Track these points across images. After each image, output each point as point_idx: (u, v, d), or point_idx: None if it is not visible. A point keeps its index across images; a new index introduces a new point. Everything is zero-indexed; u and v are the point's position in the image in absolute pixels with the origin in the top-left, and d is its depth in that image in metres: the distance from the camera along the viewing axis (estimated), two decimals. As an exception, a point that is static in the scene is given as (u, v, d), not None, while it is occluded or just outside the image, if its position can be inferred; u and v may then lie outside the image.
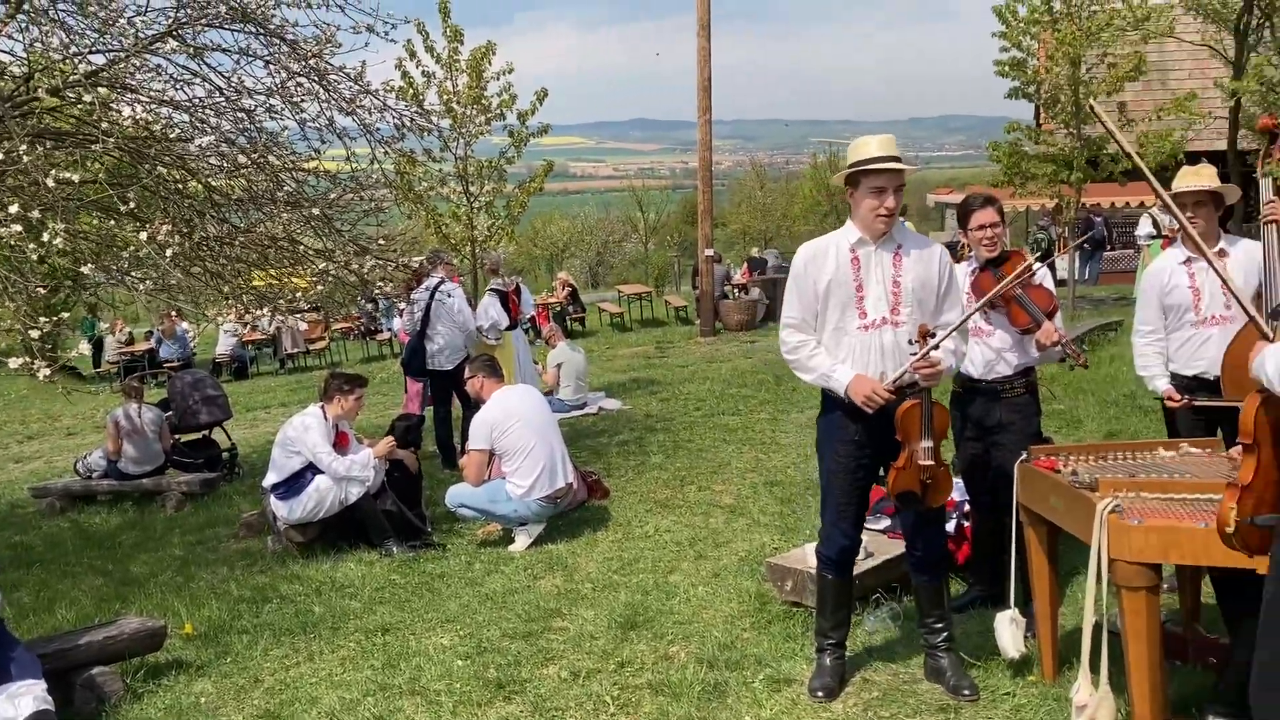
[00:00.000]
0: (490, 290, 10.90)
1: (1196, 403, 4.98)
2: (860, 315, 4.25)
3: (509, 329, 10.82)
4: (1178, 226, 5.22)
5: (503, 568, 6.51)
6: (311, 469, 7.02)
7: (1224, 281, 4.24)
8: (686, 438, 9.84)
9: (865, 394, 4.15)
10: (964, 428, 5.22)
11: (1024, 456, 4.31)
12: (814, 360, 4.29)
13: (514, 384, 9.86)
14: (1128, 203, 21.04)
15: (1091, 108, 4.58)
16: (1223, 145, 16.73)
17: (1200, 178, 4.92)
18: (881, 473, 4.40)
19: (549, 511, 7.02)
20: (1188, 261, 5.02)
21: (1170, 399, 5.01)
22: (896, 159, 4.19)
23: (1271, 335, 3.94)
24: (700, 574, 6.05)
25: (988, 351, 5.07)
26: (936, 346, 4.17)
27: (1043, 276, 5.12)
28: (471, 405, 8.15)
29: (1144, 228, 17.26)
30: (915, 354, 4.15)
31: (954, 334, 4.30)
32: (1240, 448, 2.83)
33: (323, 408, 7.18)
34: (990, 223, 5.04)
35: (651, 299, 24.82)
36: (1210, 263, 4.14)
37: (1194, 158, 13.35)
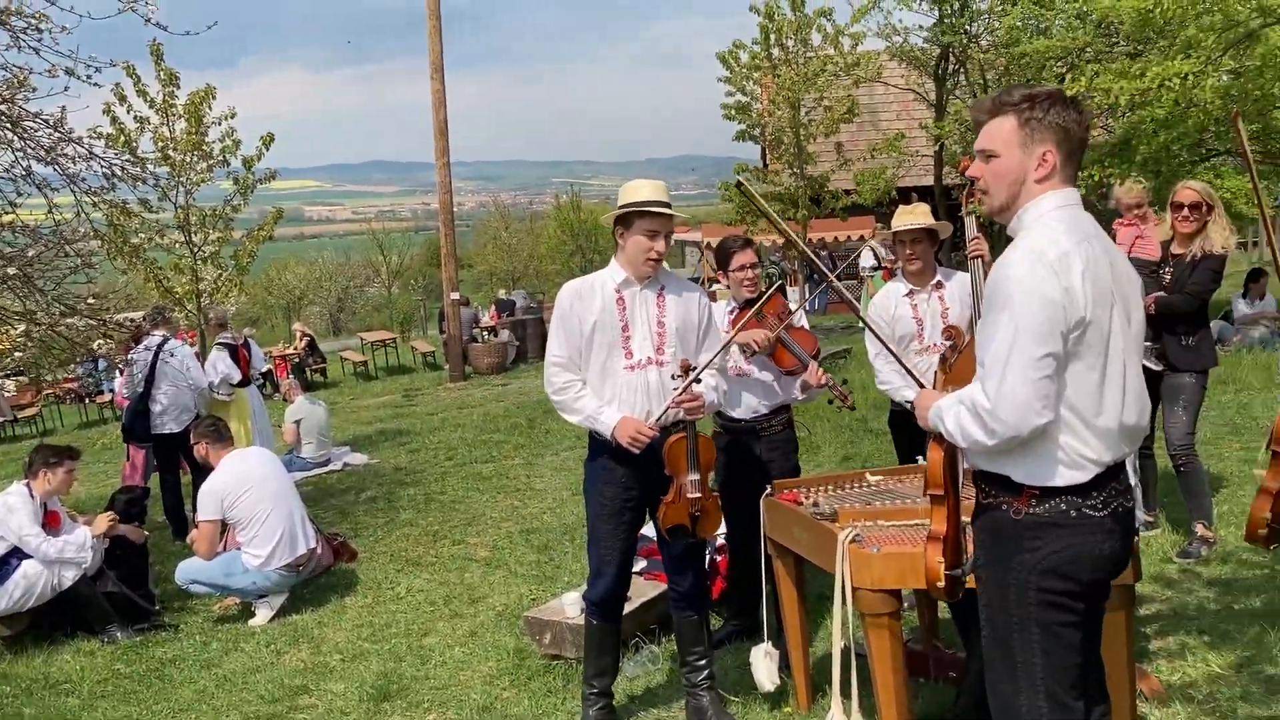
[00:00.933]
0: (218, 344, 10.28)
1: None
2: (626, 355, 4.27)
3: (241, 385, 10.22)
4: (896, 259, 5.52)
5: (243, 645, 6.06)
6: (18, 554, 6.32)
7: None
8: (438, 489, 9.58)
9: (630, 435, 4.15)
10: (724, 465, 5.30)
11: (768, 491, 4.40)
12: (580, 401, 4.28)
13: (249, 444, 9.27)
14: (849, 236, 22.39)
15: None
16: (930, 181, 18.07)
17: (915, 216, 5.23)
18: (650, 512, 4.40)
19: (291, 580, 6.61)
20: (910, 293, 5.30)
21: None
22: (669, 205, 4.26)
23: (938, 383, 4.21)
24: (456, 634, 5.85)
25: (748, 393, 5.16)
26: (698, 379, 4.23)
27: (802, 317, 5.26)
28: (201, 470, 7.60)
29: (866, 260, 18.41)
30: (678, 389, 4.18)
31: (715, 371, 4.38)
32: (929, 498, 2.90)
33: (28, 484, 6.50)
34: (750, 264, 5.13)
35: (397, 345, 24.25)
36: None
37: (905, 194, 14.36)
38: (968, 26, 12.69)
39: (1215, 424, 8.56)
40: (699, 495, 4.21)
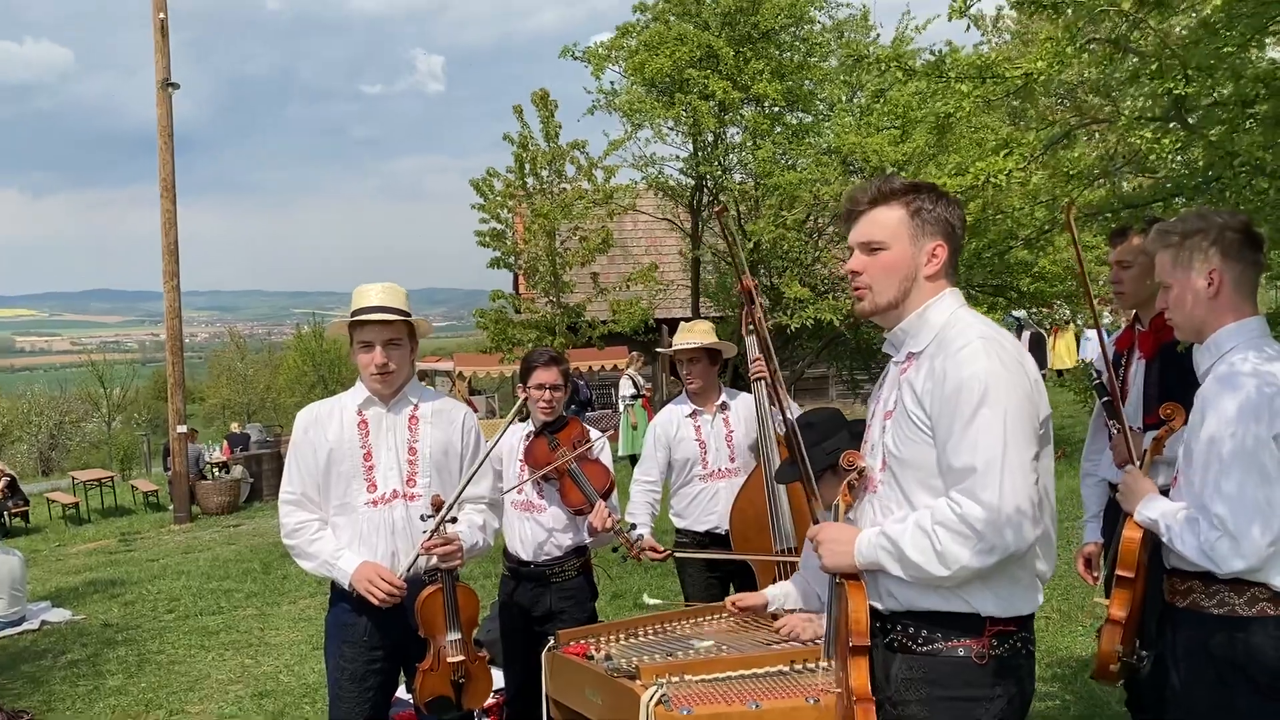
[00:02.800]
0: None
1: (676, 554, 4.87)
2: (369, 488, 3.66)
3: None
4: (651, 387, 5.21)
5: None
6: None
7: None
8: (155, 648, 8.34)
9: (370, 584, 3.52)
10: (507, 615, 4.69)
11: (551, 643, 3.84)
12: (316, 545, 3.64)
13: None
14: (604, 365, 22.36)
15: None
16: (688, 313, 18.27)
17: (695, 334, 4.95)
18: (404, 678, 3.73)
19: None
20: (693, 414, 4.97)
21: (652, 550, 4.79)
22: (395, 310, 3.69)
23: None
24: (170, 830, 4.85)
25: (538, 530, 4.58)
26: (453, 519, 3.63)
27: (602, 448, 4.74)
28: None
29: (625, 389, 18.33)
30: (429, 530, 3.58)
31: (484, 507, 3.82)
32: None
33: None
34: (551, 383, 4.56)
35: (114, 484, 22.00)
36: None
37: (662, 324, 14.35)
38: (721, 159, 13.03)
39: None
40: (462, 658, 3.61)
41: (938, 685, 2.36)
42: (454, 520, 3.67)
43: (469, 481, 3.77)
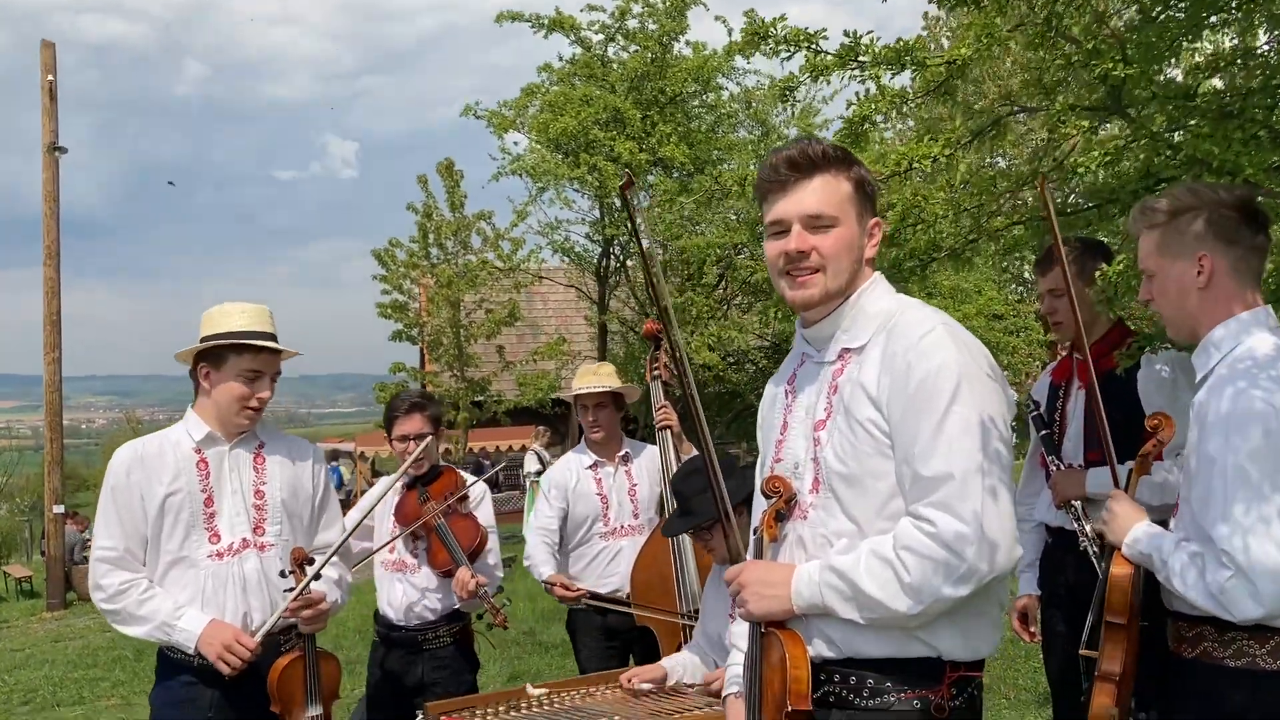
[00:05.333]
0: None
1: (590, 601, 4.42)
2: (212, 538, 3.16)
3: None
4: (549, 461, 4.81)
5: None
6: None
7: None
8: (1, 743, 7.53)
9: (221, 648, 3.01)
10: (376, 682, 4.20)
11: (420, 717, 3.34)
12: (148, 605, 3.09)
13: None
14: (510, 445, 21.75)
15: None
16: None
17: (600, 378, 4.58)
18: None
19: None
20: (594, 466, 4.55)
21: (563, 586, 4.36)
22: (276, 338, 3.27)
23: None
24: None
25: (410, 590, 4.12)
26: (318, 576, 3.15)
27: (480, 500, 4.29)
28: None
29: (530, 464, 17.77)
30: (290, 589, 3.12)
31: (337, 560, 3.33)
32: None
33: None
34: (415, 433, 4.15)
35: (-13, 572, 20.62)
36: None
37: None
38: (626, 222, 12.77)
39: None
40: None
41: None
42: (318, 577, 3.19)
43: (343, 541, 3.32)
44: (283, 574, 3.21)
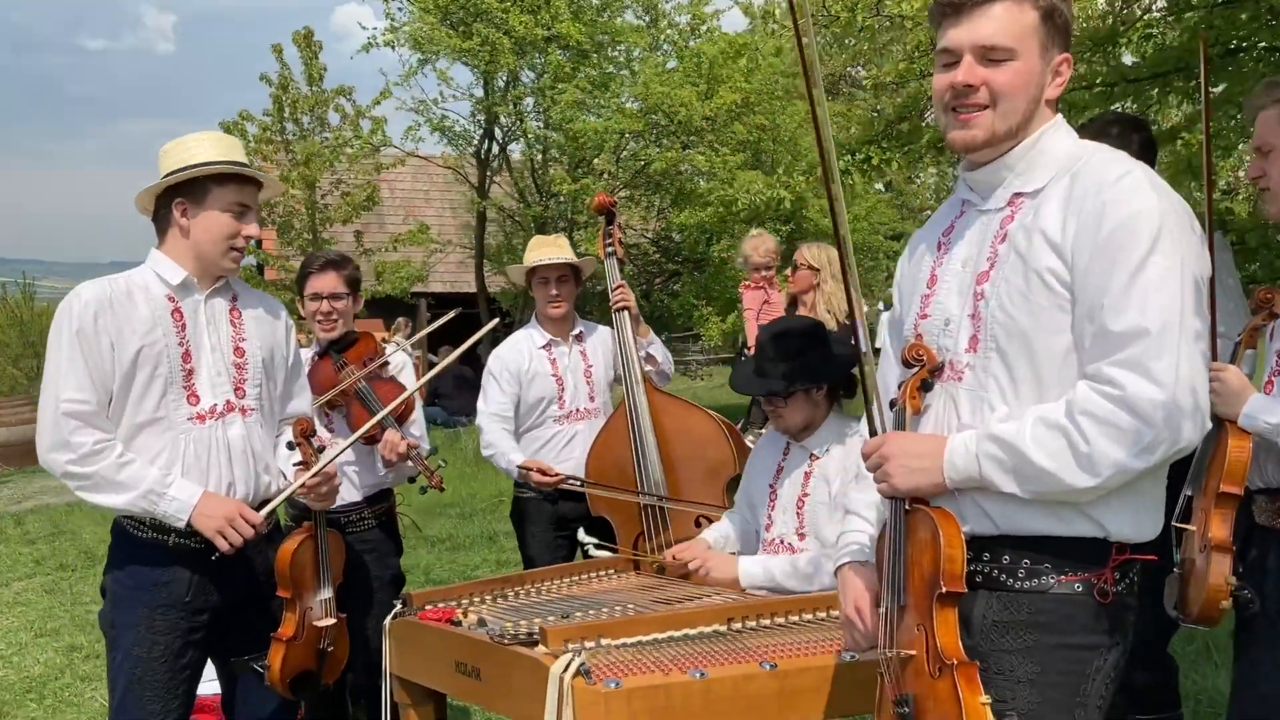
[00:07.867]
0: None
1: (574, 482, 4.09)
2: (191, 399, 2.76)
3: None
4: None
5: None
6: None
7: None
8: None
9: (223, 522, 2.68)
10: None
11: (397, 609, 2.99)
12: (129, 470, 2.67)
13: None
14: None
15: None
16: (472, 288, 16.96)
17: (559, 249, 4.23)
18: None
19: None
20: (548, 345, 4.21)
21: (541, 473, 4.04)
22: (244, 164, 2.86)
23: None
24: None
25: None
26: (321, 448, 2.99)
27: (401, 367, 3.93)
28: None
29: (399, 360, 17.11)
30: (299, 462, 2.88)
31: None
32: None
33: None
34: (330, 291, 3.78)
35: None
36: None
37: (442, 299, 13.26)
38: (517, 102, 12.13)
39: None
40: (332, 621, 2.89)
41: (1047, 630, 1.75)
42: (322, 449, 2.96)
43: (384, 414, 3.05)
44: (291, 445, 2.92)
